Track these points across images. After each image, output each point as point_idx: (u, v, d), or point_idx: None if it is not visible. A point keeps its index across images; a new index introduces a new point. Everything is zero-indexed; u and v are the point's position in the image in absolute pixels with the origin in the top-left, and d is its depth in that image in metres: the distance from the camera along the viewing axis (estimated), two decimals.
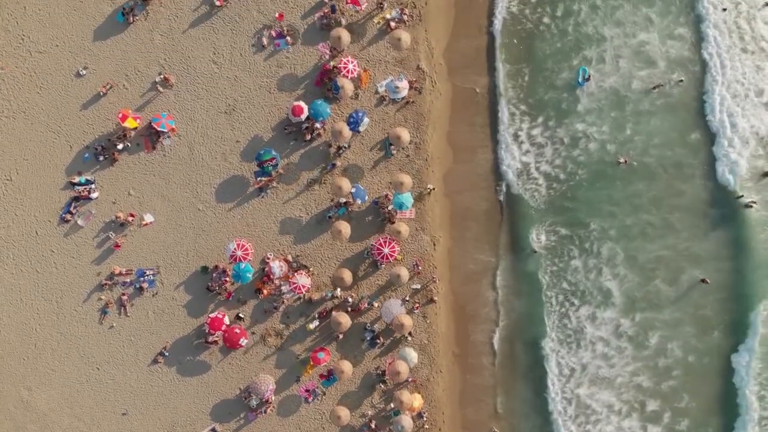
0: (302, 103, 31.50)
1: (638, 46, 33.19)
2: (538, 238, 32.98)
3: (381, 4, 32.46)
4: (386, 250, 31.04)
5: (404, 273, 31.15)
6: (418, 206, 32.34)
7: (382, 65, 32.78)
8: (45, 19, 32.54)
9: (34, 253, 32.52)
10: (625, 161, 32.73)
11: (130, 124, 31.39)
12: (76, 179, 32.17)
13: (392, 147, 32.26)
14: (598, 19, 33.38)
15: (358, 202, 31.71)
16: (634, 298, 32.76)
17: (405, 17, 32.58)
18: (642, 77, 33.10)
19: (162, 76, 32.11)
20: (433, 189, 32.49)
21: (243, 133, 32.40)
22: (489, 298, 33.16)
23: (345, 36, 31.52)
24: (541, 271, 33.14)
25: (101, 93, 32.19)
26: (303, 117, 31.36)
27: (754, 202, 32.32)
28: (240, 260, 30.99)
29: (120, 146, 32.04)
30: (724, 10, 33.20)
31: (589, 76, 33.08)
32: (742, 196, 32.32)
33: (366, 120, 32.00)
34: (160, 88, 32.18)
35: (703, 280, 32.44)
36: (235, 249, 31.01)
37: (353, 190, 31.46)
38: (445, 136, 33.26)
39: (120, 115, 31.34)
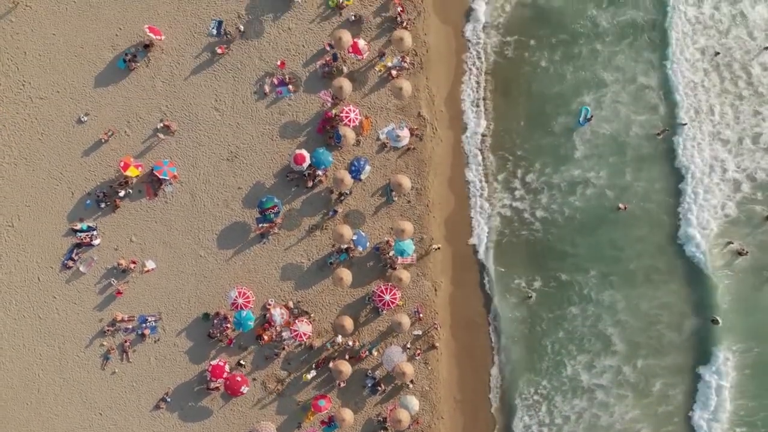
0: (304, 152, 31.64)
1: (637, 91, 33.45)
2: (533, 284, 33.29)
3: (382, 53, 32.64)
4: (387, 297, 31.23)
5: (405, 321, 31.33)
6: (420, 252, 32.65)
7: (383, 112, 32.92)
8: (46, 64, 32.59)
9: (36, 299, 32.62)
10: (625, 207, 33.14)
11: (132, 173, 31.47)
12: (78, 226, 32.26)
13: (393, 193, 32.49)
14: (598, 64, 33.57)
15: (360, 249, 31.93)
16: (636, 345, 33.08)
17: (406, 65, 32.80)
18: (642, 122, 33.42)
19: (163, 123, 32.23)
20: (439, 248, 32.77)
21: (245, 179, 32.52)
22: (490, 344, 33.45)
23: (347, 85, 31.64)
24: (537, 316, 33.36)
25: (103, 140, 32.26)
26: (305, 165, 31.54)
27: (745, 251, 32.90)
28: (241, 308, 31.12)
29: (122, 193, 32.13)
30: (717, 54, 33.44)
31: (591, 116, 33.29)
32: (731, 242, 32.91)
33: (368, 168, 32.15)
34: (162, 135, 32.29)
35: (713, 320, 32.79)
36: (236, 297, 31.15)
37: (355, 238, 31.62)
38: (446, 182, 33.41)
39: (122, 164, 31.43)
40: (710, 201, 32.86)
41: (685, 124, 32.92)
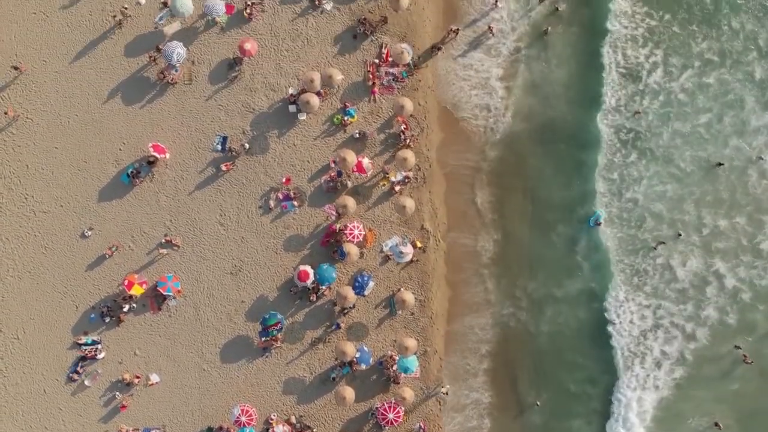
0: (308, 268, 31.79)
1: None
2: (538, 399, 33.68)
3: (386, 172, 32.77)
4: (391, 416, 31.53)
5: None
6: (423, 366, 32.91)
7: (387, 225, 33.03)
8: (49, 178, 32.58)
9: (42, 411, 32.72)
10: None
11: (136, 291, 31.56)
12: (83, 339, 32.41)
13: (397, 307, 32.74)
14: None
15: (363, 366, 32.19)
16: None
17: (409, 180, 32.90)
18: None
19: (166, 238, 32.34)
20: (447, 392, 33.00)
21: (248, 293, 32.67)
22: None
23: (351, 204, 31.78)
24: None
25: (107, 255, 32.39)
26: (309, 282, 31.72)
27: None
28: (244, 425, 31.41)
29: (126, 307, 32.25)
30: (720, 164, 33.63)
31: (602, 221, 33.56)
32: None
33: (371, 284, 32.34)
34: (164, 251, 32.38)
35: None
36: (239, 414, 31.41)
37: (358, 355, 31.88)
38: (449, 295, 33.72)
39: (126, 283, 31.53)
40: None
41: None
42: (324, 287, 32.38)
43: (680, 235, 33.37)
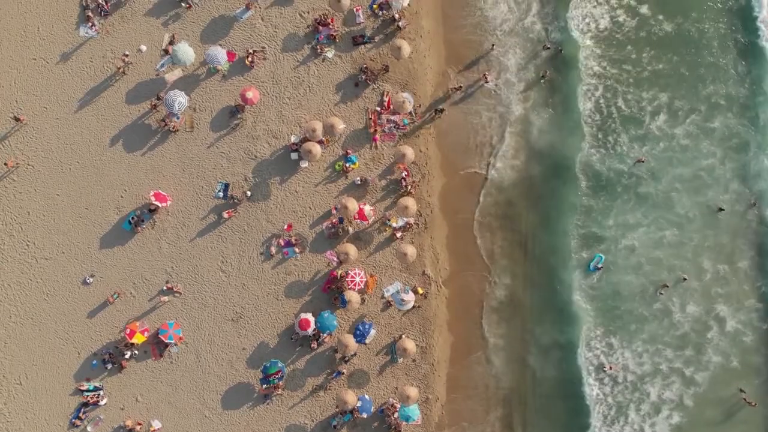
0: (309, 317, 31.83)
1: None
2: None
3: (387, 218, 32.77)
4: None
5: None
6: (425, 414, 33.04)
7: (388, 270, 33.09)
8: (50, 225, 32.63)
9: None
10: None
11: (138, 339, 31.64)
12: (85, 386, 32.46)
13: (398, 355, 32.82)
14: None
15: (364, 416, 32.30)
16: None
17: (411, 226, 32.96)
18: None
19: (167, 285, 32.37)
20: None
21: (249, 340, 32.74)
22: None
23: (352, 251, 31.79)
24: None
25: (108, 302, 32.43)
26: (310, 331, 31.79)
27: None
28: None
29: (128, 354, 32.30)
30: (721, 210, 33.77)
31: (602, 266, 33.68)
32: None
33: (372, 332, 32.39)
34: (166, 298, 32.44)
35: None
36: None
37: (359, 404, 31.92)
38: (450, 341, 33.73)
39: (128, 331, 31.60)
40: None
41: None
42: (325, 335, 32.54)
43: (685, 279, 33.55)
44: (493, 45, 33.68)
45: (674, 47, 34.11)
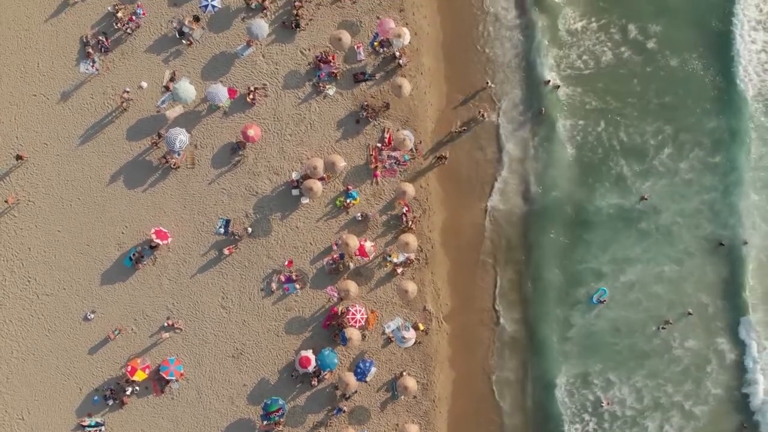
0: (309, 354, 31.86)
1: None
2: None
3: (388, 254, 32.76)
4: None
5: None
6: None
7: (389, 306, 33.09)
8: (51, 261, 32.69)
9: None
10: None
11: (139, 377, 31.70)
12: (87, 421, 32.52)
13: (399, 392, 32.86)
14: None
15: None
16: None
17: (411, 263, 32.97)
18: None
19: (168, 322, 32.40)
20: None
21: (250, 376, 32.77)
22: None
23: (353, 289, 31.80)
24: None
25: (110, 338, 32.50)
26: (310, 368, 31.83)
27: None
28: None
29: (129, 390, 32.35)
30: (722, 244, 33.69)
31: (605, 299, 33.67)
32: None
33: (373, 370, 32.40)
34: (167, 334, 32.47)
35: None
36: None
37: None
38: (452, 377, 33.68)
39: (129, 369, 31.65)
40: None
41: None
42: (326, 372, 32.56)
43: (690, 314, 33.51)
44: (487, 81, 33.63)
45: (670, 81, 34.02)
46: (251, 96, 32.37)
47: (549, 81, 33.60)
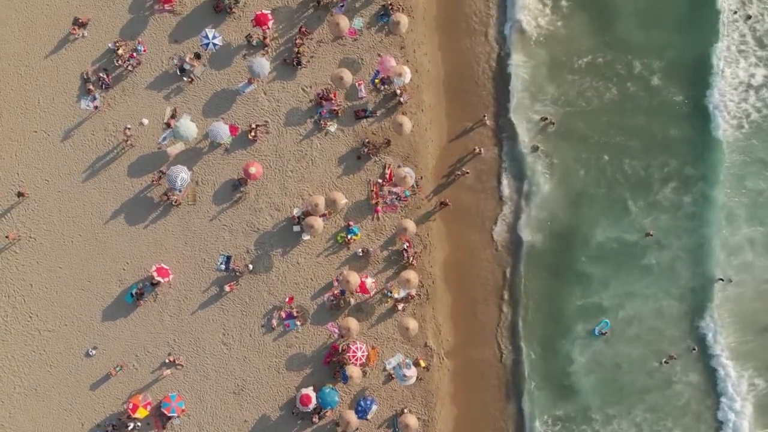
0: (310, 392, 31.82)
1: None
2: None
3: (389, 290, 32.73)
4: None
5: None
6: None
7: (390, 342, 33.06)
8: (52, 297, 32.70)
9: None
10: None
11: (140, 414, 31.66)
12: None
13: (400, 430, 32.85)
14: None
15: None
16: None
17: (412, 299, 32.93)
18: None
19: (169, 358, 32.43)
20: None
21: (251, 413, 32.75)
22: None
23: (354, 326, 31.77)
24: None
25: (111, 374, 32.51)
26: (311, 407, 31.83)
27: None
28: None
29: (130, 426, 32.32)
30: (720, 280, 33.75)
31: (607, 332, 33.64)
32: None
33: (374, 408, 32.35)
34: (168, 371, 32.50)
35: None
36: None
37: None
38: (453, 414, 33.60)
39: (131, 406, 31.66)
40: None
41: None
42: (327, 409, 32.55)
43: (694, 350, 33.53)
44: (484, 115, 33.55)
45: (670, 117, 33.99)
46: (253, 133, 32.30)
47: (547, 118, 33.61)
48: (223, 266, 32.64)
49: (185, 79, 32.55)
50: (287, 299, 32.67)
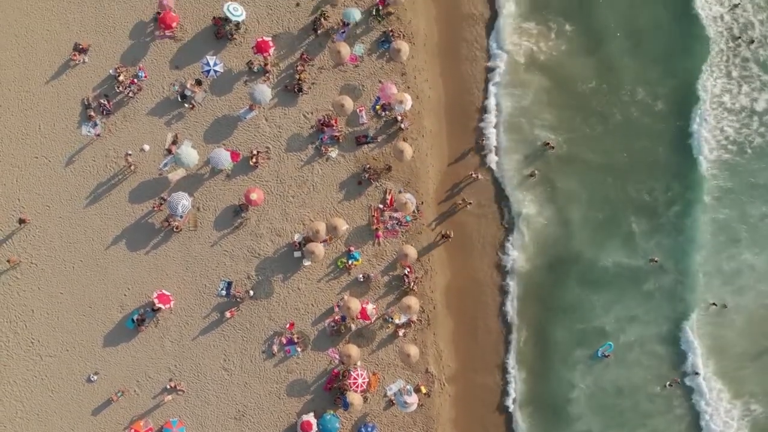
0: (311, 418, 31.73)
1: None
2: None
3: (390, 315, 32.75)
4: None
5: None
6: None
7: (390, 368, 33.03)
8: (54, 323, 32.66)
9: None
10: None
11: None
12: None
13: None
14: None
15: None
16: None
17: (413, 324, 32.94)
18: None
19: (170, 383, 32.37)
20: None
21: None
22: None
23: (355, 353, 31.70)
24: None
25: (112, 399, 32.51)
26: None
27: None
28: None
29: None
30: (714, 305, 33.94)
31: (610, 354, 33.67)
32: None
33: None
34: (169, 396, 32.51)
35: None
36: None
37: None
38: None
39: (132, 431, 31.95)
40: None
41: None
42: None
43: (697, 373, 33.48)
44: (482, 141, 33.72)
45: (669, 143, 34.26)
46: (254, 159, 32.30)
47: (548, 143, 33.63)
48: (224, 292, 32.61)
49: (186, 105, 32.55)
50: (288, 325, 32.68)
